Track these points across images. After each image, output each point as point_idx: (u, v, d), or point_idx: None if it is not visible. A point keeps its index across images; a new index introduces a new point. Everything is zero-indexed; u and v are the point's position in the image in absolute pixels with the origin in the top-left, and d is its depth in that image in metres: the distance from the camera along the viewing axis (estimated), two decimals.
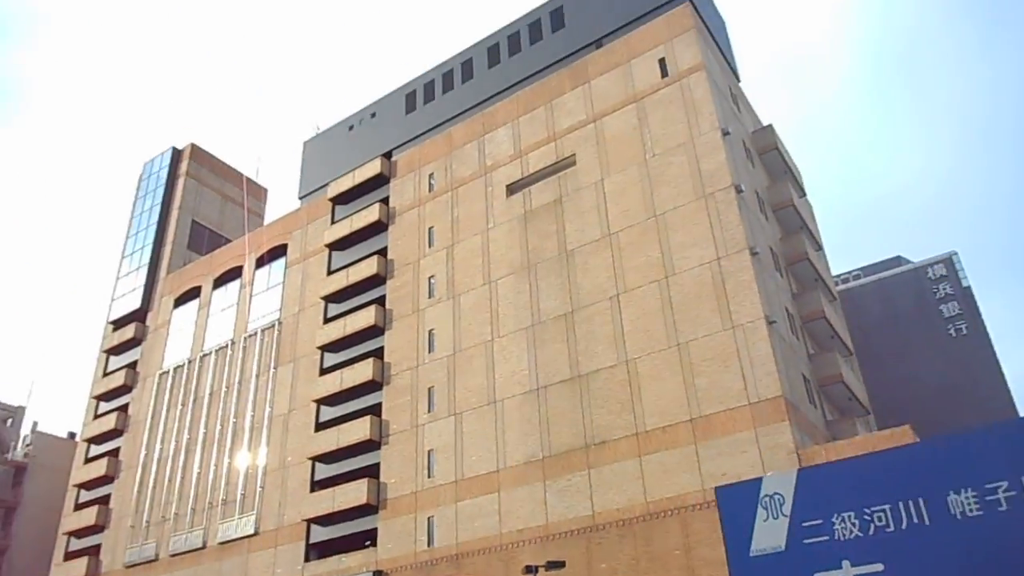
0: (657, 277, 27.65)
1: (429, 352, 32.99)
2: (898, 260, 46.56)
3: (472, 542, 27.82)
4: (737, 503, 19.52)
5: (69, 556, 43.18)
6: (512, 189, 33.96)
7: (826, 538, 17.66)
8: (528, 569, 21.66)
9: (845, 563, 17.20)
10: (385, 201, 39.08)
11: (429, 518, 29.49)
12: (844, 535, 17.50)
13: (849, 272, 47.95)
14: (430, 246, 35.65)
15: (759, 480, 19.61)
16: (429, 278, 34.81)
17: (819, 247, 35.49)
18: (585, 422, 27.05)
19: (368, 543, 31.24)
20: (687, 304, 26.56)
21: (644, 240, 28.63)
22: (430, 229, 36.09)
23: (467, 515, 28.44)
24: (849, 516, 17.59)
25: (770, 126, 33.97)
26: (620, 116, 31.71)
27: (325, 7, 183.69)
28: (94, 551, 42.11)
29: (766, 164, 33.61)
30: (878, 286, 44.57)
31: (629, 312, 27.80)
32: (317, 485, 34.16)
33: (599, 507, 25.44)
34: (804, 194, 36.60)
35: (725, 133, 28.57)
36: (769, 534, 18.42)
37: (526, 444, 28.13)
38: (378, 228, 38.45)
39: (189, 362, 43.96)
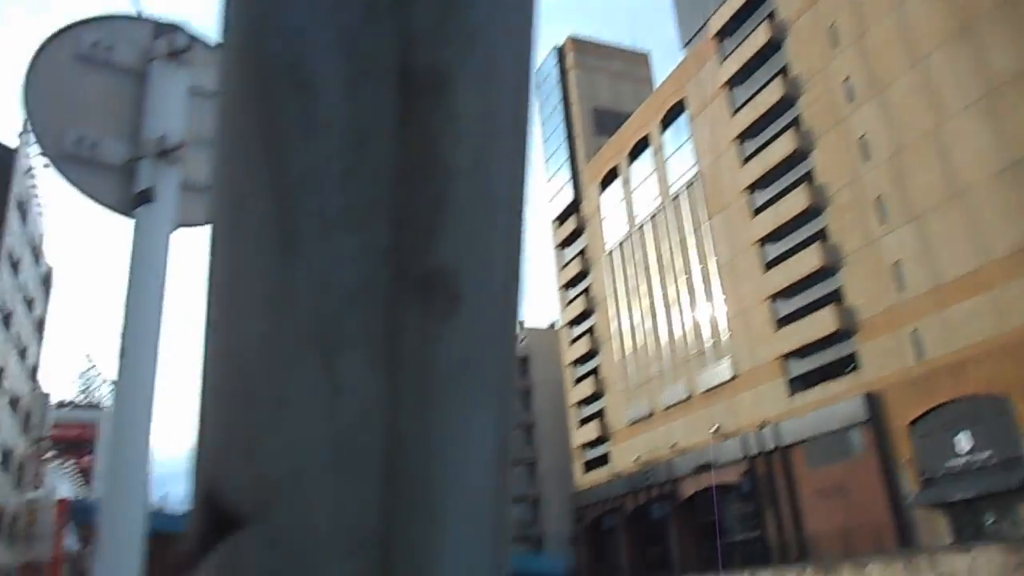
0: None
1: (866, 161, 30.03)
2: None
3: (970, 347, 25.15)
4: None
5: (582, 422, 49.96)
6: None
7: None
8: None
9: None
10: (771, 16, 35.92)
11: (912, 332, 27.40)
12: None
13: None
14: (835, 47, 31.97)
15: None
16: (844, 81, 31.35)
17: None
18: None
19: (851, 367, 30.32)
20: None
21: None
22: (831, 27, 32.27)
23: (956, 321, 25.75)
24: None
25: None
26: None
27: None
28: (600, 415, 48.08)
29: None
30: None
31: None
32: (781, 322, 33.97)
33: None
34: None
35: None
36: None
37: (1011, 230, 24.21)
38: (773, 47, 35.60)
39: (629, 236, 46.64)
